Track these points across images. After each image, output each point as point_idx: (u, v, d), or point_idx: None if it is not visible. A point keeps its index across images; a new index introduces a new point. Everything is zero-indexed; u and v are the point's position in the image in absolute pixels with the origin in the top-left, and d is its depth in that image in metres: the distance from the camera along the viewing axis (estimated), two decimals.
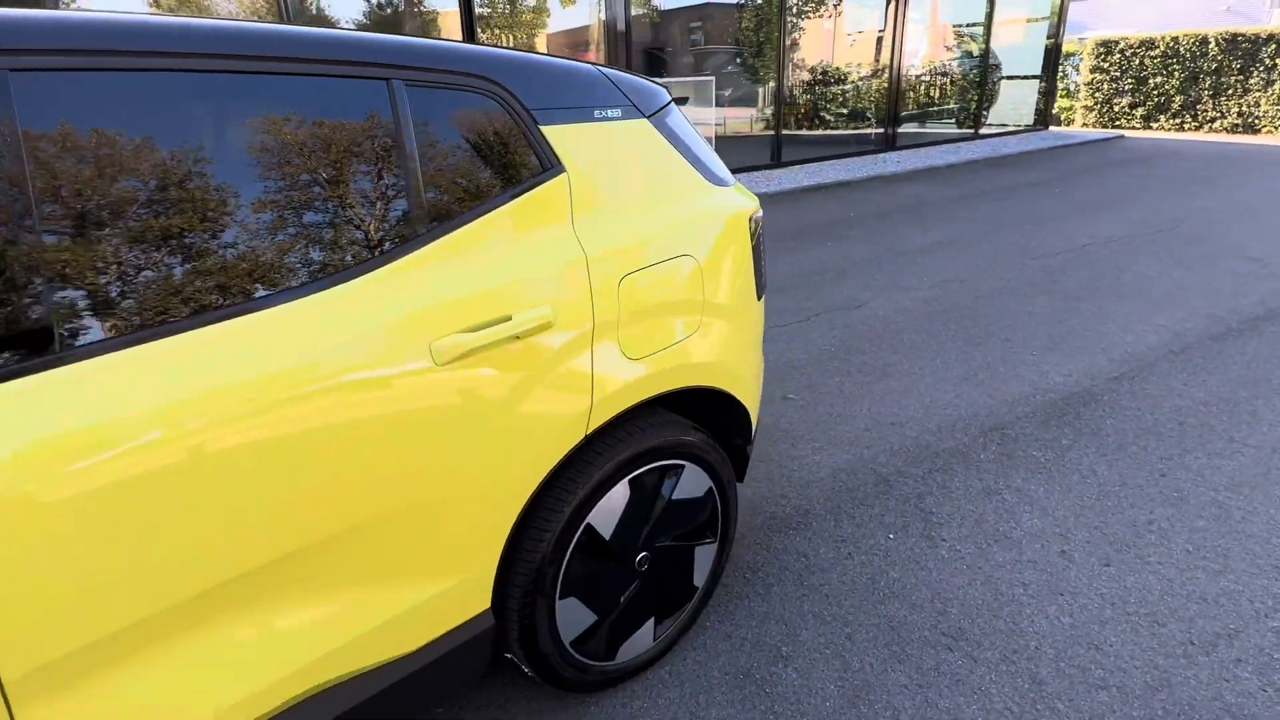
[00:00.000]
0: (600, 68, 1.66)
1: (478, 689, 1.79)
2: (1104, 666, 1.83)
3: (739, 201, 1.84)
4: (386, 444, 1.19)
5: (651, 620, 1.79)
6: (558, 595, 1.55)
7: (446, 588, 1.35)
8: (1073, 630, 1.94)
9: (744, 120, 11.58)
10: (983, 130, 13.24)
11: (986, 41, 12.64)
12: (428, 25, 8.61)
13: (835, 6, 11.90)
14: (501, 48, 1.52)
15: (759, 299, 1.92)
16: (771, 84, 10.00)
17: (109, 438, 0.95)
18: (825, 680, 1.81)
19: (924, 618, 1.99)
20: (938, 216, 6.98)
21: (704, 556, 1.88)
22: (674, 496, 1.73)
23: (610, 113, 1.61)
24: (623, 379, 1.51)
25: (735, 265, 1.79)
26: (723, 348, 1.75)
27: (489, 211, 1.37)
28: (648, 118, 1.69)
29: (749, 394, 1.89)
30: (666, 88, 1.91)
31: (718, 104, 13.07)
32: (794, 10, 11.14)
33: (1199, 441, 2.84)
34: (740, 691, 1.78)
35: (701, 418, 1.91)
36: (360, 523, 1.19)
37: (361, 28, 8.68)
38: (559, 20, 9.97)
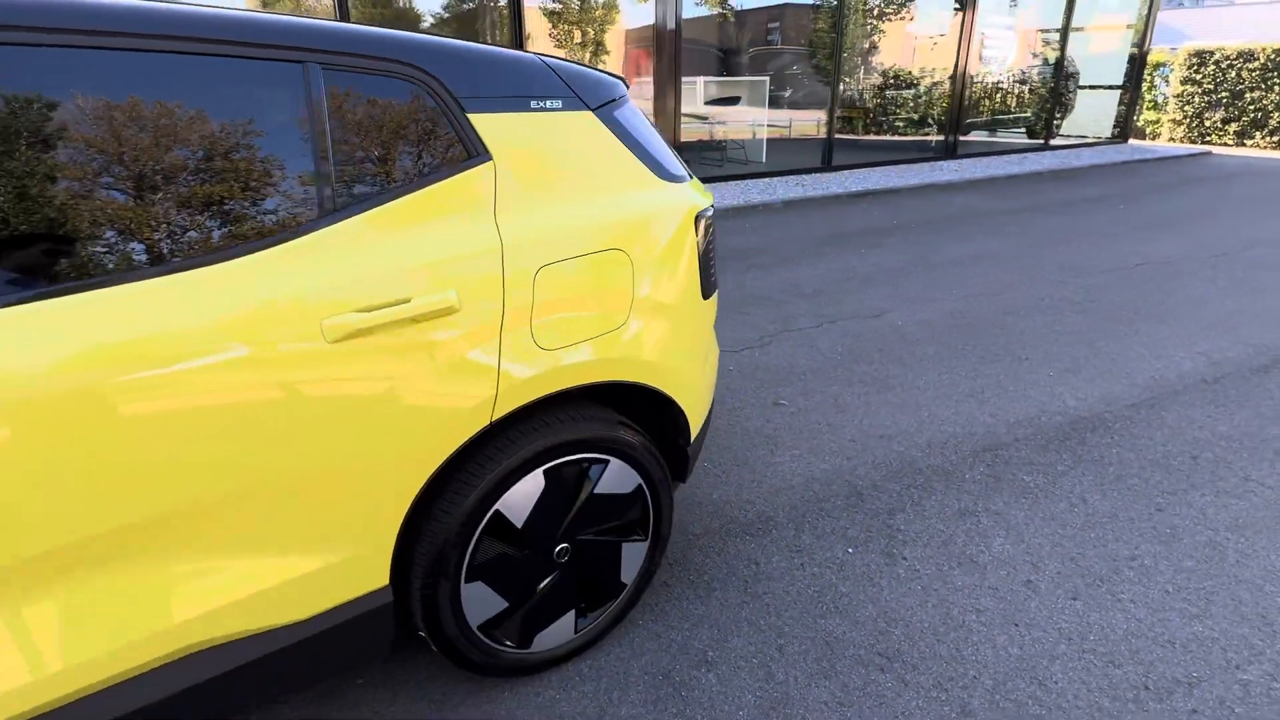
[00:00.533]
0: (544, 58, 1.67)
1: (400, 666, 1.83)
2: (1042, 703, 1.73)
3: (688, 198, 1.82)
4: (268, 415, 1.23)
5: (572, 613, 1.79)
6: (463, 579, 1.56)
7: (337, 561, 1.38)
8: (1019, 663, 1.85)
9: (806, 123, 11.41)
10: (1055, 141, 12.68)
11: (1063, 48, 12.08)
12: (481, 22, 8.77)
13: (901, 9, 11.59)
14: (436, 35, 1.54)
15: (706, 298, 1.89)
16: (828, 86, 9.80)
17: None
18: (745, 690, 1.77)
19: (863, 636, 1.93)
20: (984, 229, 6.73)
21: (634, 554, 1.87)
22: (597, 491, 1.73)
23: (550, 103, 1.61)
24: (534, 369, 1.51)
25: (674, 262, 1.77)
26: (657, 346, 1.73)
27: (402, 196, 1.39)
28: (593, 110, 1.69)
29: (689, 394, 1.86)
30: (624, 80, 1.90)
31: (780, 106, 12.91)
32: (856, 12, 10.90)
33: (1209, 478, 2.66)
34: (656, 692, 1.76)
35: (639, 415, 1.90)
36: (240, 491, 1.24)
37: (441, 21, 8.91)
38: (623, 18, 10.02)
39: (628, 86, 1.94)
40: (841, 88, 10.30)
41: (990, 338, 4.01)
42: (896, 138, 11.67)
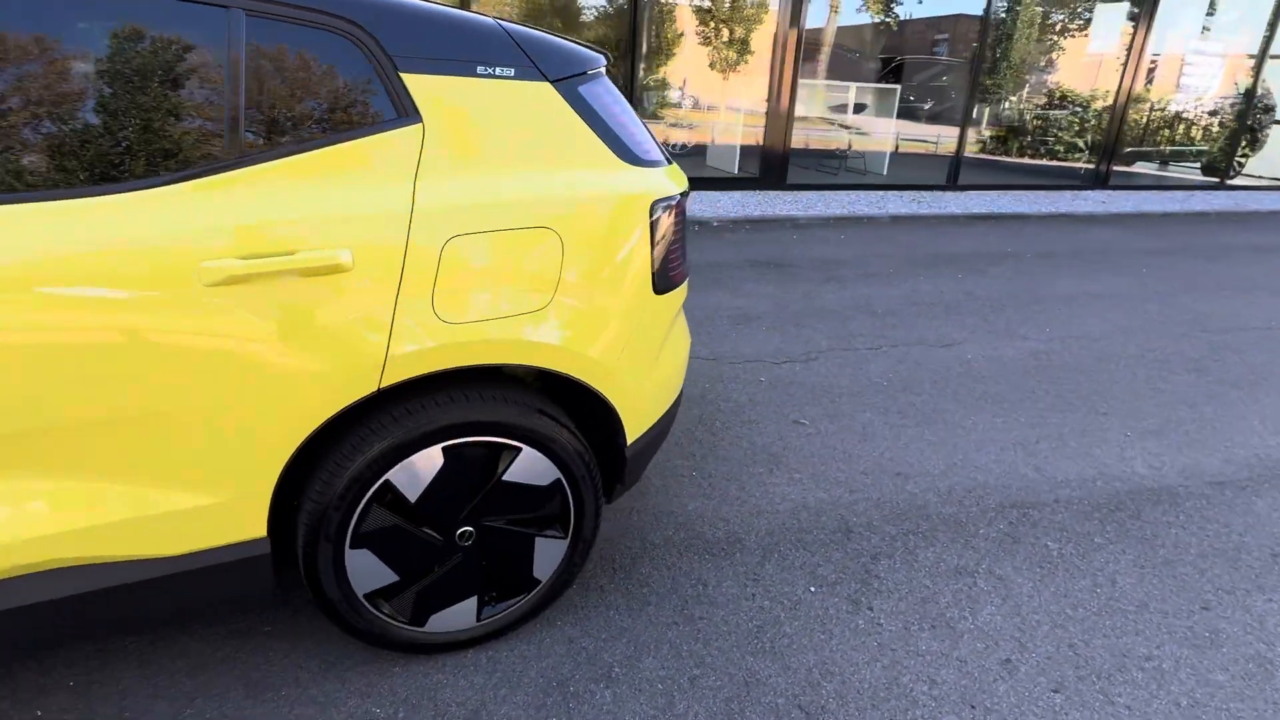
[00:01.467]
0: (505, 23, 1.60)
1: (310, 620, 1.84)
2: None
3: (646, 184, 1.70)
4: (129, 348, 1.24)
5: (475, 599, 1.73)
6: (347, 544, 1.54)
7: (210, 504, 1.39)
8: None
9: (938, 138, 10.75)
10: (1235, 180, 11.21)
11: (1256, 76, 10.64)
12: (640, 17, 8.84)
13: (1067, 25, 10.63)
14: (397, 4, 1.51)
15: (660, 292, 1.77)
16: (971, 101, 9.15)
17: None
18: (636, 715, 1.64)
19: (789, 683, 1.75)
20: (1113, 266, 6.03)
21: (550, 550, 1.78)
22: (507, 478, 1.65)
23: (500, 70, 1.54)
24: (431, 342, 1.45)
25: (615, 250, 1.66)
26: (584, 335, 1.63)
27: (314, 149, 1.38)
28: (552, 82, 1.60)
29: (627, 392, 1.75)
30: (605, 56, 1.81)
31: (917, 118, 12.23)
32: (1002, 26, 10.10)
33: None
34: (543, 699, 1.67)
35: (576, 409, 1.81)
36: (98, 419, 1.26)
37: (598, 18, 9.11)
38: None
39: (609, 61, 1.84)
40: (983, 104, 9.59)
41: (1071, 385, 3.57)
42: (1038, 161, 10.73)
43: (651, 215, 1.70)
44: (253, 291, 1.30)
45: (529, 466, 1.66)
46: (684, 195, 1.84)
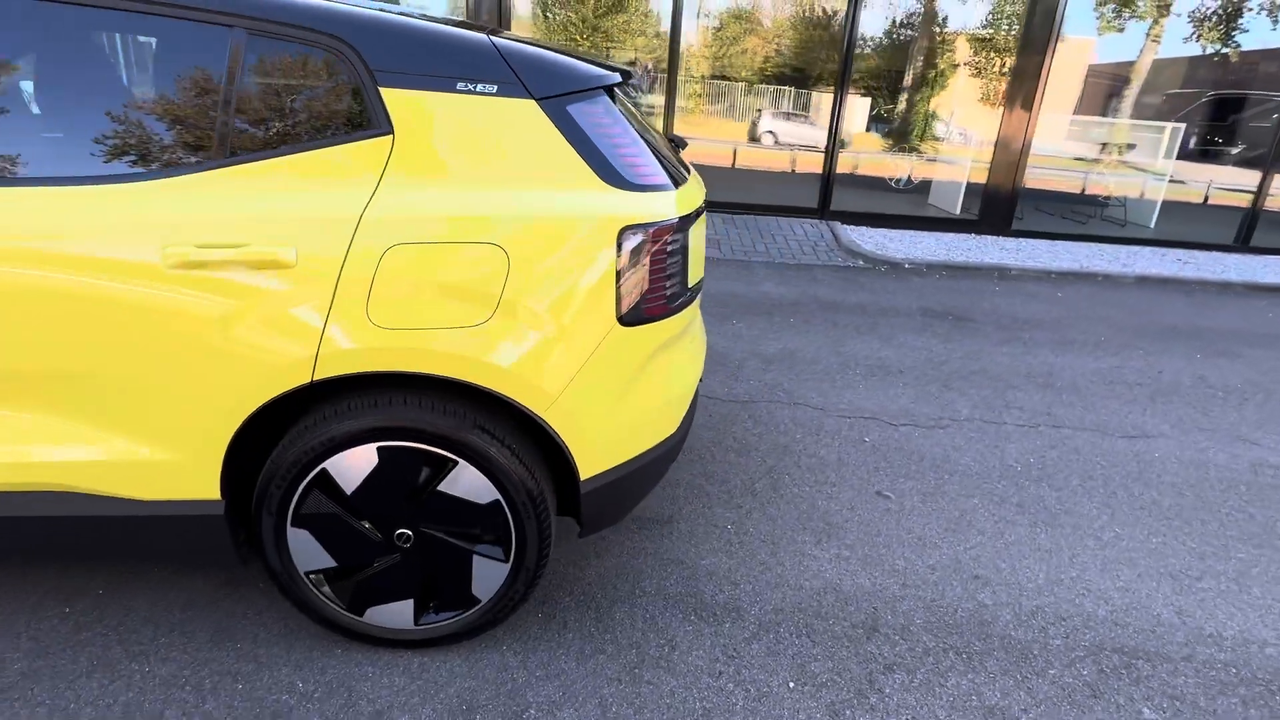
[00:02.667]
0: (499, 40, 1.61)
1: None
2: None
3: (623, 207, 1.60)
4: (101, 315, 1.45)
5: (412, 602, 1.75)
6: (288, 520, 1.65)
7: (169, 460, 1.57)
8: None
9: (1232, 188, 8.87)
10: None
11: None
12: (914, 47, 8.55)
13: None
14: (373, 8, 1.60)
15: (627, 324, 1.65)
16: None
17: None
18: None
19: None
20: None
21: (490, 571, 1.74)
22: (442, 489, 1.65)
23: (481, 87, 1.56)
24: (361, 343, 1.50)
25: (570, 273, 1.58)
26: (528, 358, 1.57)
27: (289, 154, 1.50)
28: (538, 99, 1.59)
29: (578, 425, 1.65)
30: (625, 71, 1.75)
31: (1209, 160, 10.27)
32: None
33: None
34: (447, 718, 1.64)
35: (530, 435, 1.75)
36: (82, 370, 1.48)
37: (881, 49, 9.05)
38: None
39: (627, 79, 1.77)
40: None
41: None
42: None
43: (620, 240, 1.60)
44: (205, 276, 1.45)
45: (466, 482, 1.65)
46: (684, 220, 1.71)
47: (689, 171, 2.06)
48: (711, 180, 7.93)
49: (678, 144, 2.39)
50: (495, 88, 1.57)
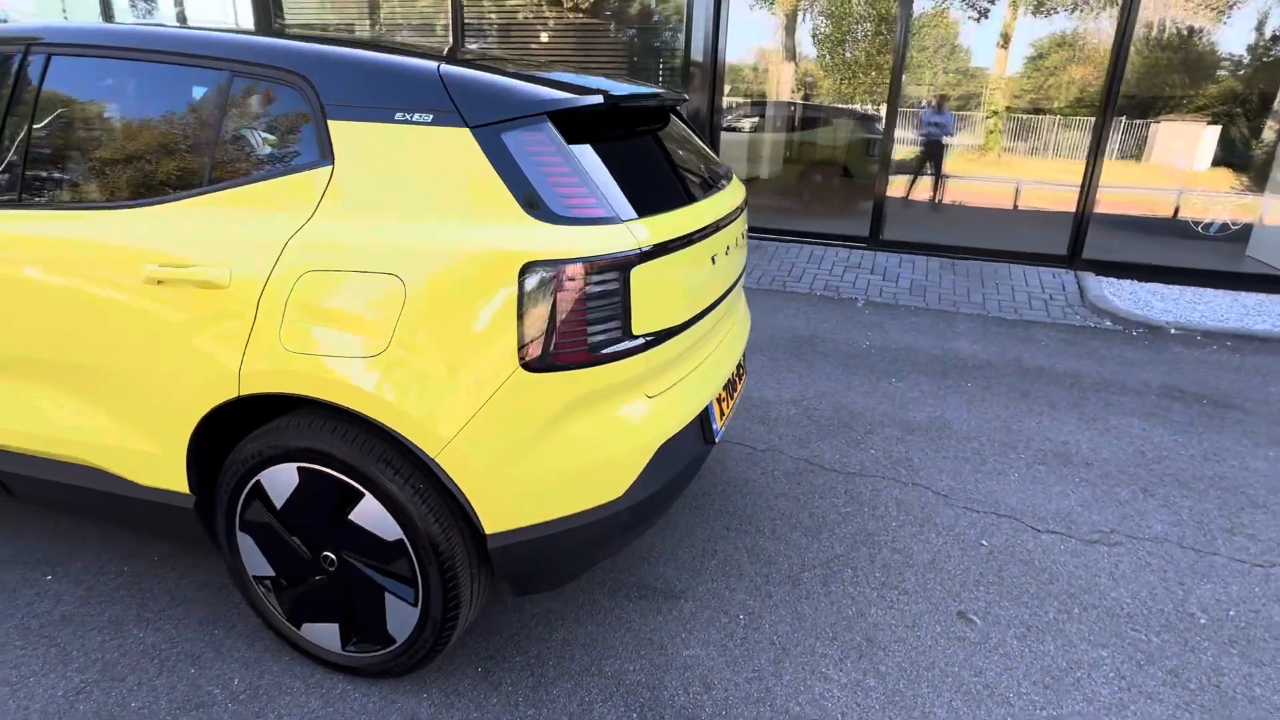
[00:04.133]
0: (446, 68, 1.57)
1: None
2: None
3: (533, 243, 1.44)
4: (102, 315, 1.69)
5: (337, 627, 1.75)
6: (236, 523, 1.75)
7: (147, 451, 1.77)
8: None
9: None
10: None
11: None
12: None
13: None
14: (333, 42, 1.65)
15: (532, 370, 1.47)
16: None
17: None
18: None
19: None
20: None
21: (401, 612, 1.67)
22: (353, 518, 1.62)
23: (418, 116, 1.54)
24: (270, 364, 1.55)
25: (466, 309, 1.45)
26: (414, 393, 1.48)
27: (249, 184, 1.62)
28: (472, 128, 1.52)
29: (475, 473, 1.51)
30: (605, 94, 1.63)
31: None
32: None
33: None
34: None
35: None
36: (81, 362, 1.74)
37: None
38: None
39: (605, 104, 1.63)
40: None
41: None
42: None
43: (521, 278, 1.45)
44: (165, 291, 1.62)
45: (373, 515, 1.61)
46: (622, 257, 1.50)
47: (719, 193, 1.95)
48: (963, 221, 7.13)
49: (715, 175, 2.13)
50: (431, 117, 1.54)
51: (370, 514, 1.61)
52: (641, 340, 1.60)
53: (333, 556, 1.69)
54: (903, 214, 6.67)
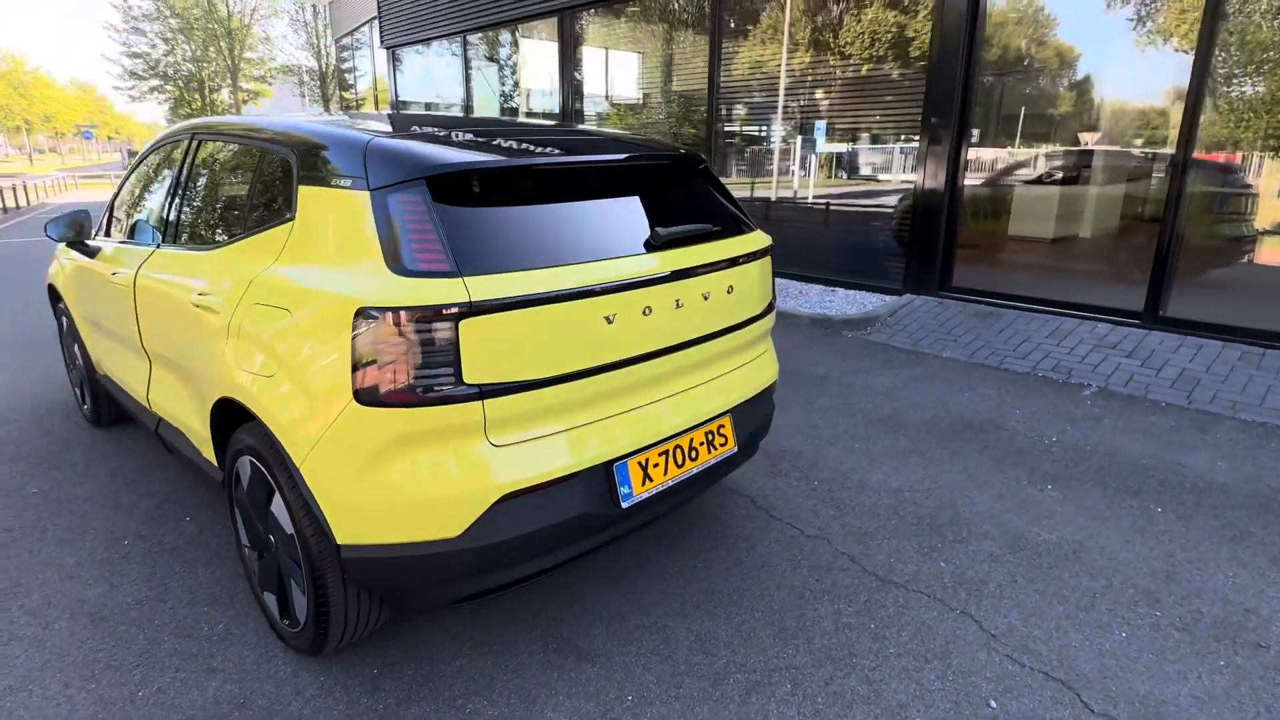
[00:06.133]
0: (376, 139, 1.85)
1: None
2: None
3: (369, 291, 1.62)
4: (177, 325, 2.30)
5: (275, 598, 2.10)
6: (230, 494, 2.21)
7: (199, 431, 2.33)
8: None
9: None
10: None
11: None
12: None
13: None
14: (316, 125, 2.03)
15: (364, 403, 1.63)
16: None
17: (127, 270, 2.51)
18: None
19: None
20: None
21: (299, 597, 1.95)
22: (272, 509, 1.96)
23: (344, 181, 1.86)
24: (225, 375, 1.98)
25: (319, 344, 1.70)
26: (294, 414, 1.77)
27: (252, 235, 2.10)
28: (371, 190, 1.79)
29: (325, 486, 1.72)
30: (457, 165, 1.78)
31: None
32: None
33: None
34: (224, 710, 1.93)
35: None
36: (169, 356, 2.38)
37: None
38: None
39: (495, 167, 1.79)
40: None
41: None
42: None
43: (354, 321, 1.63)
44: (201, 310, 2.16)
45: (280, 509, 1.93)
46: (447, 310, 1.61)
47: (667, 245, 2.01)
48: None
49: (659, 237, 2.04)
50: (350, 181, 1.84)
51: (279, 507, 1.93)
52: (474, 389, 1.67)
53: (271, 538, 2.05)
54: (1203, 282, 5.17)
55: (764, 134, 7.45)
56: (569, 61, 9.22)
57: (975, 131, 5.90)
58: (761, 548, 2.64)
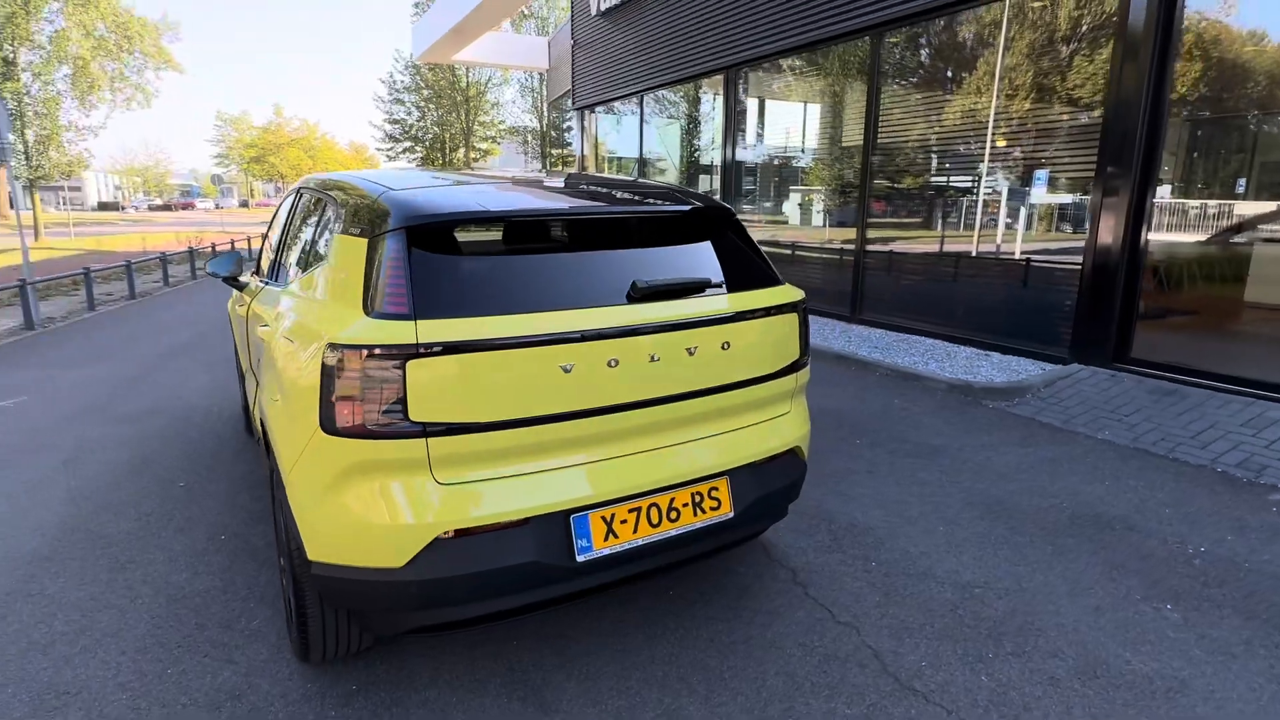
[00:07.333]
0: (389, 194, 2.05)
1: None
2: None
3: (339, 329, 1.78)
4: (254, 348, 2.65)
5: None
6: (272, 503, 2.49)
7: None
8: None
9: None
10: None
11: None
12: None
13: None
14: (354, 183, 2.27)
15: (328, 432, 1.77)
16: None
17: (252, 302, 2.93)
18: None
19: None
20: None
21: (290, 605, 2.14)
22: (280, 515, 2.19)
23: (355, 230, 2.08)
24: (267, 392, 2.25)
25: (304, 373, 1.88)
26: (285, 433, 1.98)
27: (301, 277, 2.40)
28: (369, 238, 1.97)
29: (299, 500, 1.89)
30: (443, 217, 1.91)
31: None
32: None
33: None
34: (222, 703, 2.15)
35: None
36: (251, 371, 2.74)
37: None
38: None
39: (462, 218, 1.92)
40: None
41: None
42: None
43: (323, 356, 1.79)
44: (263, 337, 2.49)
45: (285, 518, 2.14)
46: (396, 350, 1.72)
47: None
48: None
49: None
50: (359, 230, 2.05)
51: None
52: (418, 426, 1.75)
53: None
54: None
55: (921, 185, 7.01)
56: (731, 116, 9.39)
57: (1166, 177, 5.11)
58: (779, 626, 2.43)
